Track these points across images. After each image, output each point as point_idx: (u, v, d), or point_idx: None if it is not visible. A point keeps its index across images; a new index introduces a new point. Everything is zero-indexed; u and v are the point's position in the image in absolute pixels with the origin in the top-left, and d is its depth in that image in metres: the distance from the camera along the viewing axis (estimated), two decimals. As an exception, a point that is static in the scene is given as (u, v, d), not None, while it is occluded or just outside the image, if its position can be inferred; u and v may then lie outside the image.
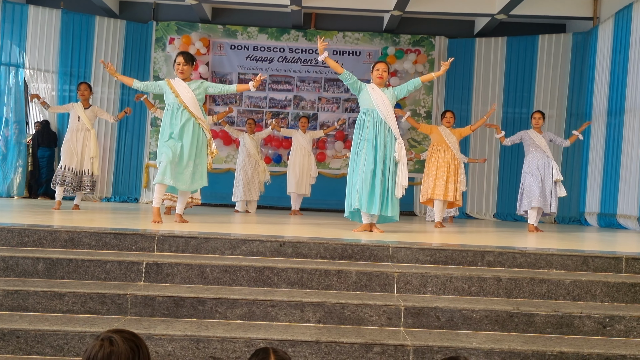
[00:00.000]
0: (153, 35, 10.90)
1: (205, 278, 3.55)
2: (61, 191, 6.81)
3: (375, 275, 3.60)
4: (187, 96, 5.23)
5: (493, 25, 10.54)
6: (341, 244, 3.92)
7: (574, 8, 9.84)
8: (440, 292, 3.61)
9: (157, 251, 3.83)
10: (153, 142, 10.73)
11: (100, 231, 3.85)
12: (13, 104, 9.98)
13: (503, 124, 10.45)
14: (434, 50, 10.91)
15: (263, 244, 3.89)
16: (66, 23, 10.39)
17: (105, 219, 5.51)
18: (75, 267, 3.51)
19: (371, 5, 10.09)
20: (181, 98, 5.22)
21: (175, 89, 5.26)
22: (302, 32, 11.01)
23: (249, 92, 10.98)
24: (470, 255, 3.93)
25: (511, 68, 10.52)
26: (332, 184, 10.52)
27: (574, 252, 4.01)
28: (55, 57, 10.35)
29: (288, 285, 3.57)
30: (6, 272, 3.48)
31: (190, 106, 5.22)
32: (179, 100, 5.22)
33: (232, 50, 11.05)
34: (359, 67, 10.97)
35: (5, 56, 9.99)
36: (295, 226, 5.94)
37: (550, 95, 10.29)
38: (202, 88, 5.35)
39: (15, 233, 3.79)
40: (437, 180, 6.94)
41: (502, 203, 10.47)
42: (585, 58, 9.90)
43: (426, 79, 5.60)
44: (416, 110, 10.92)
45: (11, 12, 10.04)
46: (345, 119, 10.07)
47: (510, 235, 6.06)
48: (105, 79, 10.62)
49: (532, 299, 3.62)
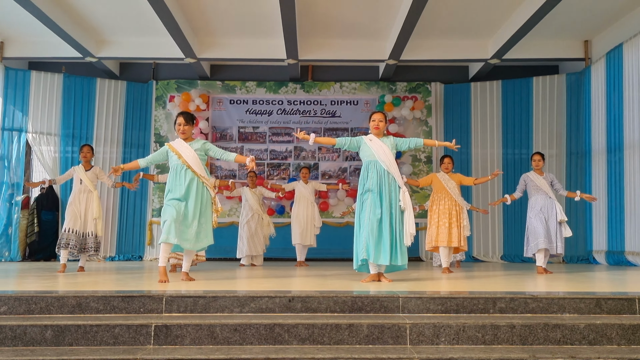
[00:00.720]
0: (153, 94, 11.10)
1: (215, 338, 3.50)
2: (66, 254, 6.79)
3: (387, 328, 3.55)
4: (190, 156, 5.28)
5: (487, 70, 10.75)
6: (351, 296, 3.88)
7: (565, 50, 10.06)
8: (454, 342, 3.55)
9: (165, 312, 3.79)
10: (156, 199, 10.78)
11: (107, 294, 3.82)
12: (15, 167, 10.05)
13: (503, 166, 10.53)
14: (430, 96, 11.08)
15: (272, 300, 3.85)
16: (68, 86, 10.60)
17: (112, 281, 5.47)
18: (84, 332, 3.46)
19: (366, 55, 10.32)
20: (184, 158, 5.26)
21: (177, 150, 5.31)
22: (299, 84, 11.22)
23: (250, 145, 11.10)
24: (482, 302, 3.88)
25: (508, 110, 10.67)
26: (336, 233, 10.50)
27: (586, 295, 3.96)
28: (58, 119, 10.51)
29: (299, 341, 3.52)
30: (14, 342, 3.43)
31: (193, 166, 5.26)
32: (182, 161, 5.27)
33: (232, 105, 11.22)
34: (357, 115, 11.14)
35: (8, 121, 10.14)
36: (302, 279, 5.89)
37: (549, 135, 10.39)
38: (204, 149, 5.40)
39: (22, 301, 3.76)
40: (440, 227, 6.91)
41: (509, 245, 10.42)
42: (580, 97, 10.05)
43: (429, 143, 5.66)
44: (416, 155, 11.00)
45: (14, 78, 10.25)
46: (349, 182, 10.12)
47: (519, 279, 6.01)
48: (107, 139, 10.76)
49: (547, 344, 3.56)
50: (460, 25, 9.45)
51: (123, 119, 10.94)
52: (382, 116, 5.48)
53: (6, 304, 3.75)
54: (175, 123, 5.43)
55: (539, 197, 6.92)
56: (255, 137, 11.16)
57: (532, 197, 7.02)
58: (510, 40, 9.21)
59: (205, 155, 5.44)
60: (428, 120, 11.05)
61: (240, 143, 11.14)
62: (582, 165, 9.93)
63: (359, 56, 10.36)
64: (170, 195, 5.23)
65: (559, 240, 6.71)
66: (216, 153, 5.43)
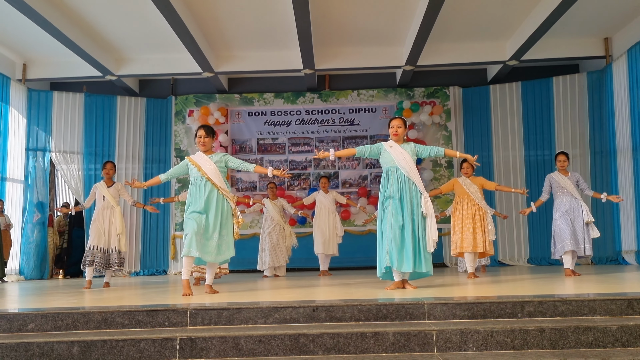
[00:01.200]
0: (172, 109, 11.22)
1: (240, 350, 3.48)
2: (91, 271, 6.85)
3: (413, 335, 3.49)
4: (210, 168, 5.30)
5: (506, 72, 10.65)
6: (375, 304, 3.83)
7: (585, 48, 9.92)
8: (483, 348, 3.48)
9: (190, 325, 3.78)
10: (178, 213, 10.85)
11: (132, 309, 3.83)
12: (40, 187, 10.23)
13: (526, 168, 10.40)
14: (449, 101, 11.01)
15: (296, 310, 3.83)
16: (89, 105, 10.78)
17: (136, 296, 5.50)
18: (110, 348, 3.47)
19: (383, 62, 10.30)
20: (204, 171, 5.28)
21: (197, 163, 5.33)
22: (317, 94, 11.24)
23: (269, 156, 11.13)
24: (510, 306, 3.81)
25: (528, 111, 10.54)
26: (358, 241, 10.46)
27: (617, 296, 3.86)
28: (80, 138, 10.68)
29: (324, 351, 3.48)
30: (41, 359, 3.45)
31: (213, 178, 5.28)
32: (202, 173, 5.28)
33: (250, 117, 11.28)
34: (376, 122, 11.11)
35: (32, 141, 10.34)
36: (326, 288, 5.85)
37: (572, 135, 10.23)
38: (223, 161, 5.42)
39: (49, 317, 3.79)
40: (464, 232, 6.81)
41: (535, 248, 10.26)
42: (602, 96, 9.90)
43: (450, 153, 5.49)
44: (437, 160, 10.92)
45: (37, 99, 10.46)
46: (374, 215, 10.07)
47: (547, 282, 5.89)
48: (129, 156, 10.89)
49: (579, 348, 3.46)
50: (477, 28, 9.39)
51: (144, 135, 11.07)
52: (400, 122, 5.42)
53: (34, 321, 3.78)
54: (196, 136, 5.45)
55: (564, 198, 6.78)
56: (275, 148, 11.19)
57: (557, 198, 6.89)
58: (529, 41, 9.11)
59: (225, 168, 5.45)
60: (447, 124, 10.97)
61: (259, 154, 11.18)
62: (607, 164, 9.76)
63: (375, 63, 10.35)
64: (190, 209, 5.25)
65: (587, 242, 6.57)
66: (235, 164, 5.44)
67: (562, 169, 6.91)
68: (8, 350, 3.44)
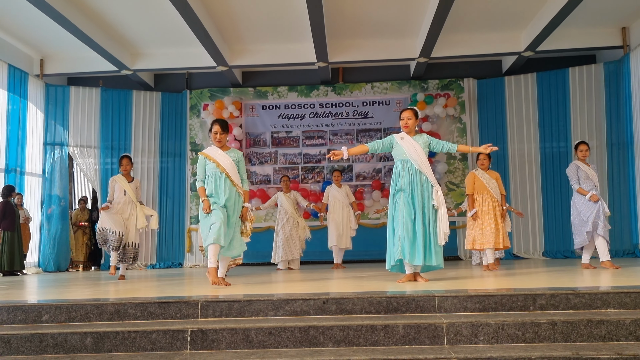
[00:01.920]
0: (187, 103, 11.28)
1: (251, 342, 3.50)
2: (116, 256, 6.90)
3: (424, 328, 3.49)
4: (227, 164, 5.30)
5: (521, 63, 10.53)
6: (385, 297, 3.83)
7: (602, 38, 9.77)
8: (493, 341, 3.46)
9: (201, 317, 3.82)
10: (194, 206, 10.93)
11: (145, 301, 3.88)
12: (58, 180, 10.36)
13: (542, 160, 10.31)
14: (463, 93, 10.92)
15: (306, 302, 3.84)
16: (105, 100, 10.88)
17: (150, 288, 5.56)
18: (122, 339, 3.52)
19: (396, 54, 10.24)
20: (222, 167, 5.28)
21: (214, 158, 5.33)
22: (330, 87, 11.22)
23: (283, 149, 11.16)
24: (521, 299, 3.78)
25: (544, 103, 10.41)
26: (372, 235, 10.44)
27: (632, 289, 3.81)
28: (97, 132, 10.80)
29: (334, 343, 3.49)
30: (55, 349, 3.51)
31: (231, 174, 5.28)
32: (221, 169, 5.28)
33: (264, 111, 11.30)
34: (390, 115, 11.07)
35: (50, 136, 10.48)
36: (337, 281, 5.86)
37: (588, 126, 10.10)
38: (237, 160, 5.42)
39: (63, 309, 3.85)
40: (484, 229, 6.71)
41: (550, 240, 10.18)
42: (619, 86, 9.75)
43: (462, 149, 5.35)
44: (451, 153, 10.83)
45: (54, 94, 10.59)
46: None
47: (560, 274, 5.84)
48: (144, 150, 10.99)
49: (591, 341, 3.43)
50: (491, 18, 9.28)
51: (159, 129, 11.16)
52: (411, 113, 5.35)
53: (48, 313, 3.85)
54: (211, 131, 5.43)
55: (587, 188, 6.58)
56: (289, 142, 11.21)
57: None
58: (544, 31, 8.99)
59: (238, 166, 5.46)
60: (462, 117, 10.89)
61: (274, 148, 11.21)
62: (624, 156, 9.62)
63: (389, 56, 10.29)
64: (212, 200, 5.26)
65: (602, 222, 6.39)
66: (242, 173, 5.45)
67: (583, 158, 6.71)
68: (23, 341, 3.50)
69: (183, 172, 11.14)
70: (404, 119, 5.32)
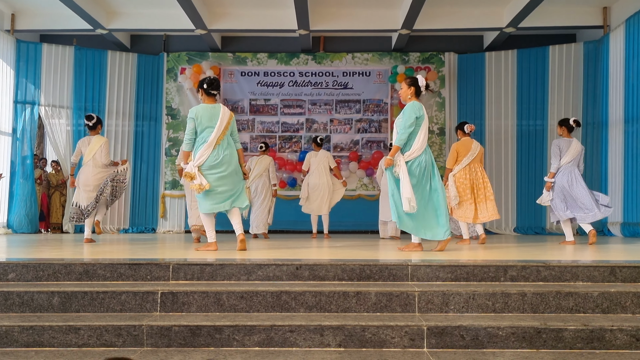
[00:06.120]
0: (164, 67, 11.03)
1: (222, 305, 3.48)
2: (90, 222, 6.74)
3: (396, 295, 3.51)
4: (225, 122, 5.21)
5: (502, 39, 10.51)
6: (359, 264, 3.84)
7: (583, 17, 9.78)
8: (464, 310, 3.50)
9: (172, 280, 3.78)
10: (168, 172, 10.79)
11: (114, 262, 3.82)
12: (28, 141, 10.09)
13: (518, 137, 10.38)
14: (444, 67, 10.88)
15: (279, 267, 3.83)
16: (79, 59, 10.56)
17: (121, 250, 5.48)
18: (91, 299, 3.46)
19: (378, 25, 10.12)
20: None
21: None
22: (311, 56, 11.07)
23: (261, 117, 11.03)
24: (493, 270, 3.82)
25: (523, 80, 10.44)
26: (348, 206, 10.41)
27: (601, 263, 3.88)
28: (70, 92, 10.50)
29: (306, 309, 3.49)
30: (21, 308, 3.44)
31: (224, 132, 5.20)
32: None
33: (243, 77, 11.13)
34: (370, 87, 10.99)
35: (20, 94, 10.15)
36: (312, 249, 5.86)
37: (565, 106, 10.17)
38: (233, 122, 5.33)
39: (30, 267, 3.77)
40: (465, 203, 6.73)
41: (522, 216, 10.32)
42: (597, 67, 9.80)
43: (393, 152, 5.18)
44: (429, 127, 10.83)
45: (25, 51, 10.23)
46: None
47: (533, 249, 5.92)
48: (119, 112, 10.75)
49: (559, 313, 3.50)
50: (475, -7, 9.21)
51: (134, 91, 10.91)
52: (402, 84, 5.45)
53: (14, 271, 3.76)
54: (209, 87, 5.25)
55: (568, 165, 6.62)
56: (267, 110, 11.08)
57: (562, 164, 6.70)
58: (526, 8, 8.96)
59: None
60: (441, 91, 10.87)
61: (251, 115, 11.07)
62: (598, 135, 9.73)
63: (371, 26, 10.16)
64: (205, 165, 5.24)
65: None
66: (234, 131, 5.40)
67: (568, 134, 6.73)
68: (-12, 299, 3.43)
69: (158, 137, 10.95)
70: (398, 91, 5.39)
